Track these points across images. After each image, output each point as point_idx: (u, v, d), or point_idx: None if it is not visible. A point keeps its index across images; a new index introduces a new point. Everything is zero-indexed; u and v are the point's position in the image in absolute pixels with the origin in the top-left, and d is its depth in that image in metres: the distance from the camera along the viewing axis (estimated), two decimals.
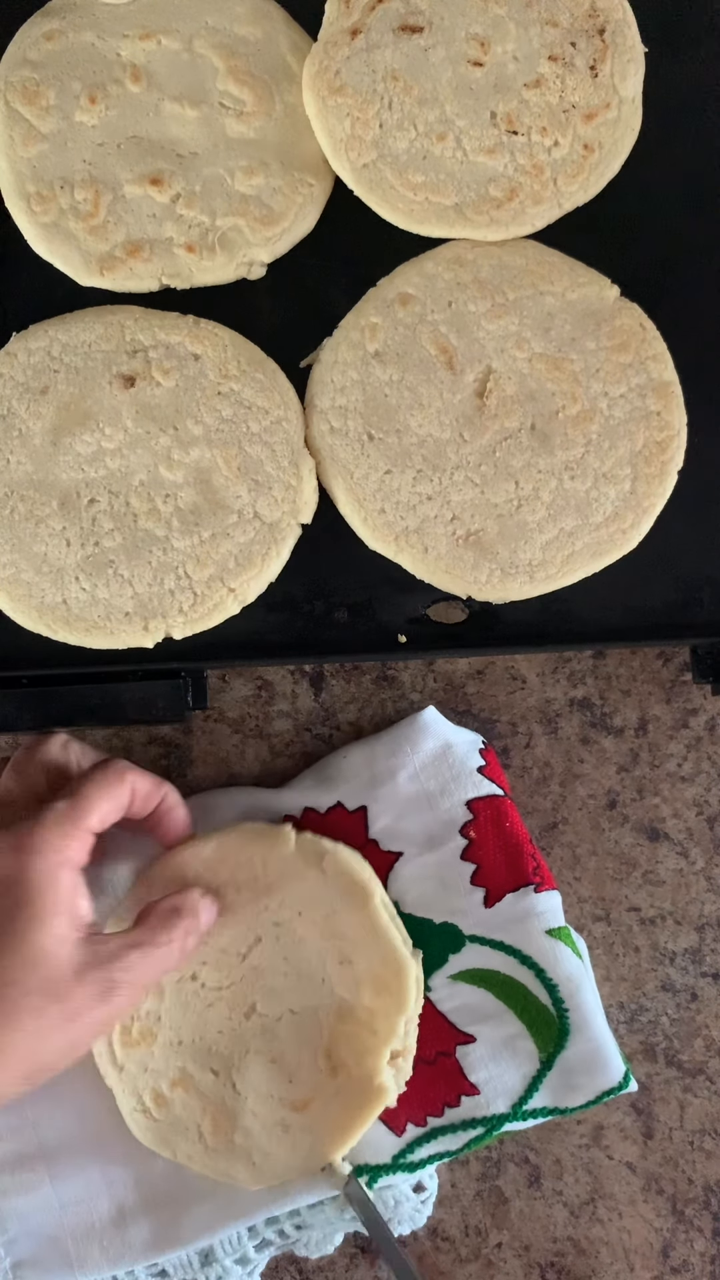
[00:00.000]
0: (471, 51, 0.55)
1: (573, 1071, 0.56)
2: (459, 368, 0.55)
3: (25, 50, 0.56)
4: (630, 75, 0.56)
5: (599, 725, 0.62)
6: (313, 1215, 0.57)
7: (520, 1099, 0.57)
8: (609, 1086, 0.56)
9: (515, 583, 0.55)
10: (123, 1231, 0.55)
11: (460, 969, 0.57)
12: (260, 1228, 0.57)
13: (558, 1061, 0.56)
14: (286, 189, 0.56)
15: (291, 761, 0.61)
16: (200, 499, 0.55)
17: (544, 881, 0.57)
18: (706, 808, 0.61)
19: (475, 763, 0.58)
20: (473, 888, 0.57)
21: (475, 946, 0.57)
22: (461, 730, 0.59)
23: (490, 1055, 0.57)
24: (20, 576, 0.54)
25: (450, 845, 0.57)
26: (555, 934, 0.57)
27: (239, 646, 0.56)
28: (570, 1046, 0.56)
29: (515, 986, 0.57)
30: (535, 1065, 0.57)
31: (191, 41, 0.56)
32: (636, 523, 0.55)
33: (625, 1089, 0.57)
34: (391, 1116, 0.56)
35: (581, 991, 0.56)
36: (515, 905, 0.57)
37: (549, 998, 0.56)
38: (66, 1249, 0.55)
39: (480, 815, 0.58)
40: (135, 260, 0.56)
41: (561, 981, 0.56)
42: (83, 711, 0.56)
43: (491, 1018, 0.57)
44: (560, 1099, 0.57)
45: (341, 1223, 0.57)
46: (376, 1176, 0.56)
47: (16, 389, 0.55)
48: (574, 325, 0.56)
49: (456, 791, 0.58)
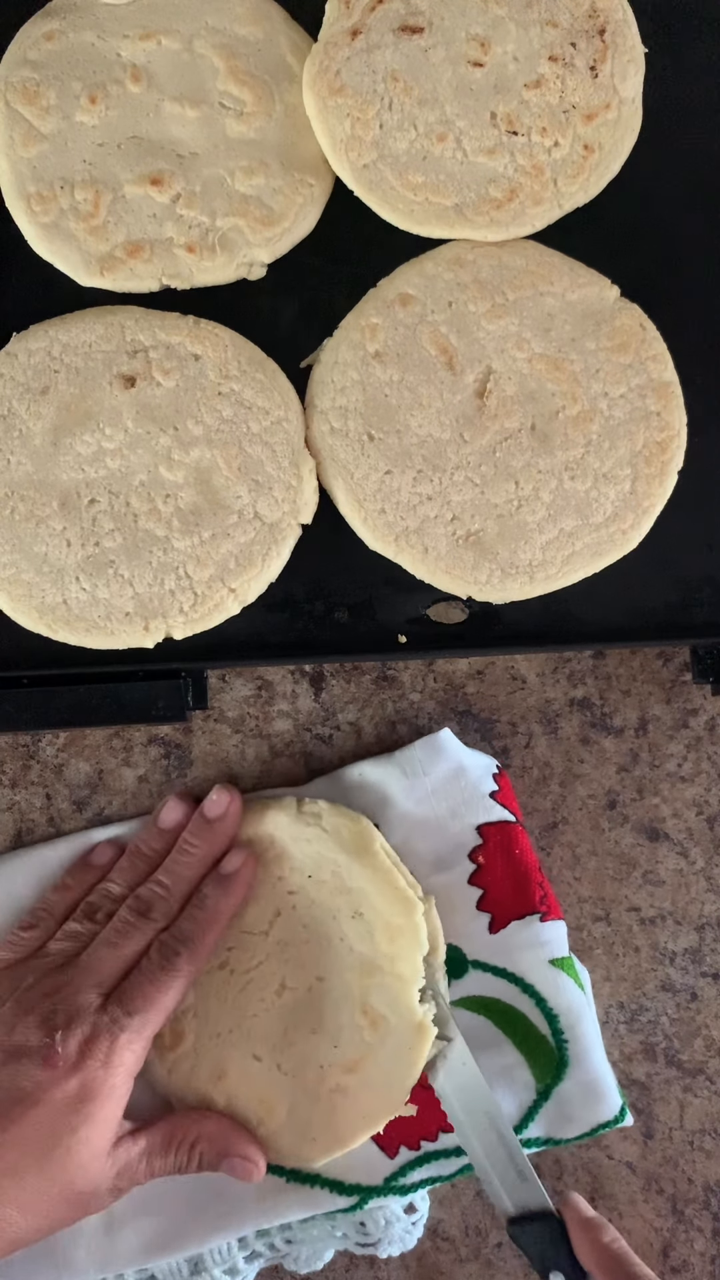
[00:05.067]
0: (472, 52, 0.55)
1: (569, 1103, 0.56)
2: (459, 368, 0.55)
3: (25, 50, 0.56)
4: (630, 75, 0.56)
5: (599, 725, 0.62)
6: (303, 1230, 0.57)
7: (515, 1128, 0.56)
8: (605, 1120, 0.56)
9: (515, 583, 0.55)
10: (111, 1238, 0.55)
11: (462, 995, 0.57)
12: (251, 1239, 0.57)
13: (555, 1093, 0.56)
14: (287, 189, 0.56)
15: (291, 761, 0.61)
16: (200, 499, 0.55)
17: (550, 911, 0.57)
18: (706, 808, 0.61)
19: (488, 787, 0.58)
20: (478, 913, 0.57)
21: (478, 972, 0.57)
22: (476, 753, 0.59)
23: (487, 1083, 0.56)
24: (20, 577, 0.54)
25: (458, 869, 0.57)
26: (558, 964, 0.57)
27: (239, 646, 0.56)
28: (568, 1078, 0.56)
29: (516, 1016, 0.57)
30: (532, 1095, 0.56)
31: (192, 41, 0.56)
32: (636, 523, 0.55)
33: (621, 1123, 0.56)
34: (385, 1139, 0.56)
35: (582, 1023, 0.56)
36: (520, 933, 0.57)
37: (549, 1028, 0.56)
38: (54, 1252, 0.55)
39: (490, 841, 0.57)
40: (135, 260, 0.56)
41: (562, 1012, 0.56)
42: (83, 711, 0.56)
43: (490, 1046, 0.57)
44: (555, 1130, 0.57)
45: (332, 1239, 0.57)
46: (368, 1198, 0.56)
47: (17, 389, 0.55)
48: (574, 326, 0.56)
49: (467, 815, 0.57)
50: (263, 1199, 0.55)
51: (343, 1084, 0.53)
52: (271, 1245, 0.57)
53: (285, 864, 0.55)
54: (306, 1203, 0.56)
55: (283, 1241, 0.57)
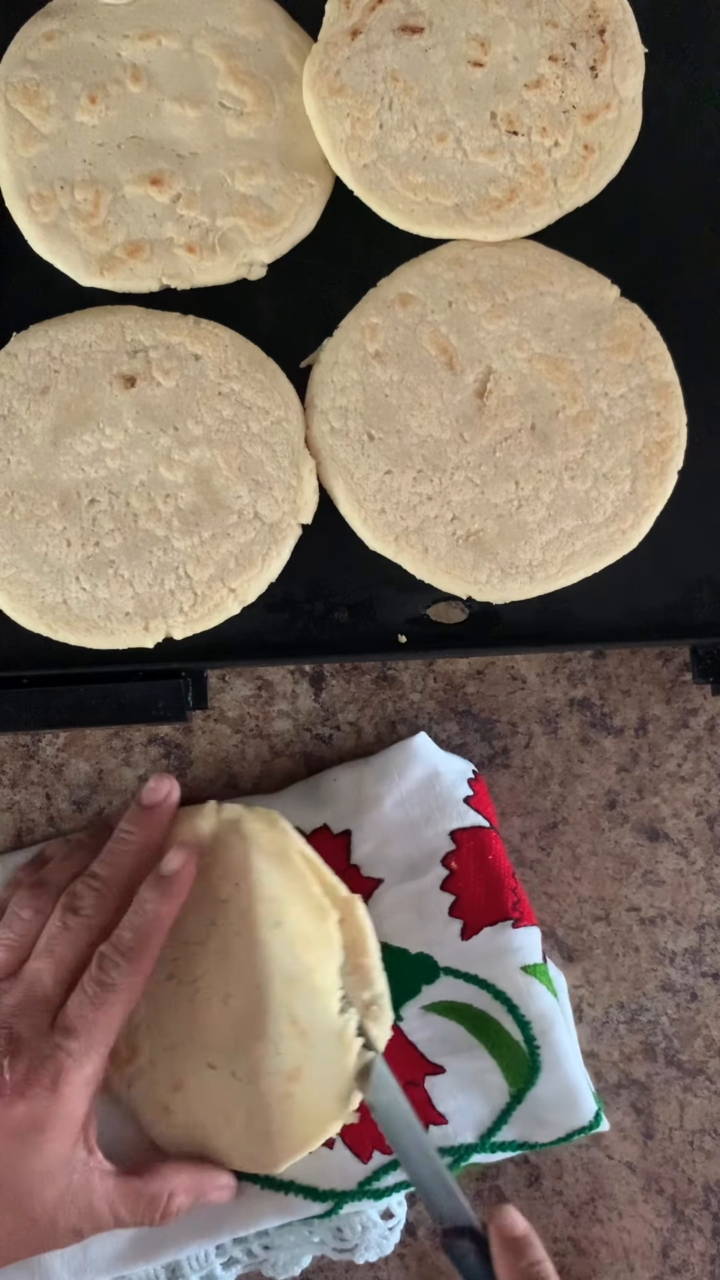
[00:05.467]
0: (472, 52, 0.55)
1: (543, 1108, 0.56)
2: (459, 368, 0.55)
3: (25, 50, 0.56)
4: (630, 75, 0.56)
5: (599, 725, 0.62)
6: (280, 1236, 0.57)
7: (488, 1130, 0.56)
8: (579, 1125, 0.56)
9: (515, 583, 0.55)
10: (87, 1245, 0.54)
11: (433, 1000, 0.57)
12: (228, 1246, 0.57)
13: (527, 1097, 0.56)
14: (287, 189, 0.56)
15: (292, 761, 0.61)
16: (200, 499, 0.55)
17: (523, 917, 0.57)
18: (706, 808, 0.61)
19: (462, 792, 0.58)
20: (450, 919, 0.57)
21: (449, 979, 0.57)
22: (452, 758, 0.59)
23: (459, 1086, 0.56)
24: (20, 576, 0.54)
25: (431, 875, 0.57)
26: (531, 971, 0.56)
27: (239, 646, 0.56)
28: (541, 1084, 0.56)
29: (487, 1021, 0.56)
30: (505, 1099, 0.56)
31: (191, 41, 0.56)
32: (636, 523, 0.55)
33: (596, 1128, 0.56)
34: (357, 1143, 0.56)
35: (554, 1029, 0.56)
36: (492, 940, 0.56)
37: (521, 1034, 0.56)
38: (29, 1261, 0.54)
39: (463, 846, 0.57)
40: (135, 260, 0.56)
41: (534, 1019, 0.56)
42: (83, 711, 0.56)
43: (462, 1050, 0.56)
44: (529, 1133, 0.56)
45: (309, 1245, 0.57)
46: (342, 1203, 0.56)
47: (17, 389, 0.55)
48: (574, 325, 0.56)
49: (441, 821, 0.57)
50: (238, 1206, 0.55)
51: (289, 1091, 0.52)
52: (249, 1251, 0.57)
53: (213, 872, 0.54)
54: (281, 1209, 0.55)
55: (260, 1248, 0.57)
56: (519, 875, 0.60)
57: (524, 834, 0.61)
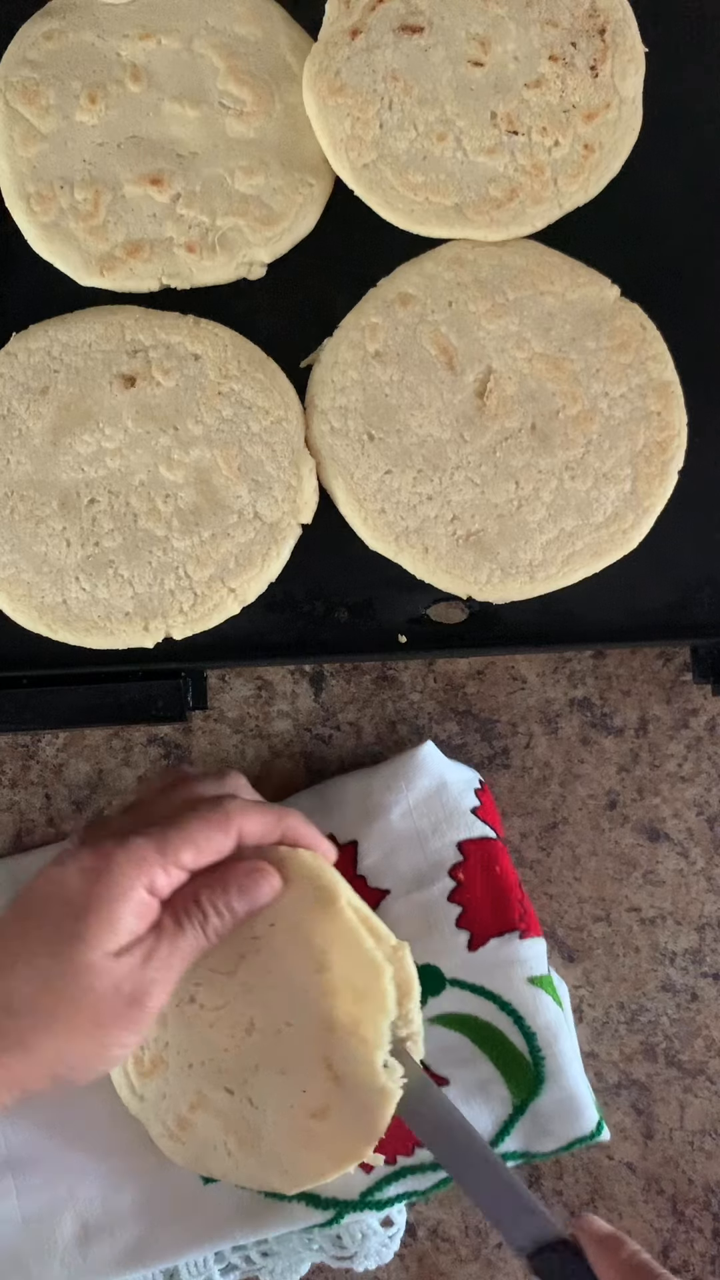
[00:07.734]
0: (472, 51, 0.55)
1: (546, 1118, 0.56)
2: (459, 368, 0.55)
3: (25, 50, 0.56)
4: (630, 75, 0.56)
5: (599, 725, 0.62)
6: (280, 1244, 0.57)
7: (492, 1142, 0.56)
8: (581, 1135, 0.56)
9: (515, 583, 0.55)
10: (85, 1250, 0.54)
11: (439, 1012, 0.56)
12: (227, 1253, 0.57)
13: (530, 1108, 0.56)
14: (286, 189, 0.56)
15: (291, 762, 0.61)
16: (200, 499, 0.55)
17: (530, 928, 0.57)
18: (706, 808, 0.61)
19: (470, 803, 0.58)
20: (457, 930, 0.57)
21: (455, 990, 0.56)
22: (459, 767, 0.59)
23: (463, 1097, 0.56)
24: (20, 576, 0.54)
25: (438, 886, 0.57)
26: (537, 982, 0.56)
27: (239, 646, 0.56)
28: (544, 1094, 0.56)
29: (493, 1033, 0.56)
30: (508, 1110, 0.56)
31: (191, 41, 0.56)
32: (637, 523, 0.55)
33: (597, 1138, 0.56)
34: None
35: (559, 1040, 0.56)
36: (499, 951, 0.56)
37: (526, 1045, 0.56)
38: (26, 1265, 0.54)
39: (470, 857, 0.57)
40: (135, 260, 0.56)
41: (540, 1030, 0.56)
42: (83, 711, 0.56)
43: (467, 1062, 0.56)
44: (532, 1144, 0.56)
45: (308, 1253, 0.57)
46: (344, 1213, 0.55)
47: (16, 389, 0.55)
48: (574, 325, 0.56)
49: (448, 832, 0.57)
50: (238, 1214, 0.55)
51: (310, 1127, 0.51)
52: (247, 1258, 0.57)
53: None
54: (282, 1218, 0.55)
55: (258, 1254, 0.57)
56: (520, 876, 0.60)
57: (524, 834, 0.61)
